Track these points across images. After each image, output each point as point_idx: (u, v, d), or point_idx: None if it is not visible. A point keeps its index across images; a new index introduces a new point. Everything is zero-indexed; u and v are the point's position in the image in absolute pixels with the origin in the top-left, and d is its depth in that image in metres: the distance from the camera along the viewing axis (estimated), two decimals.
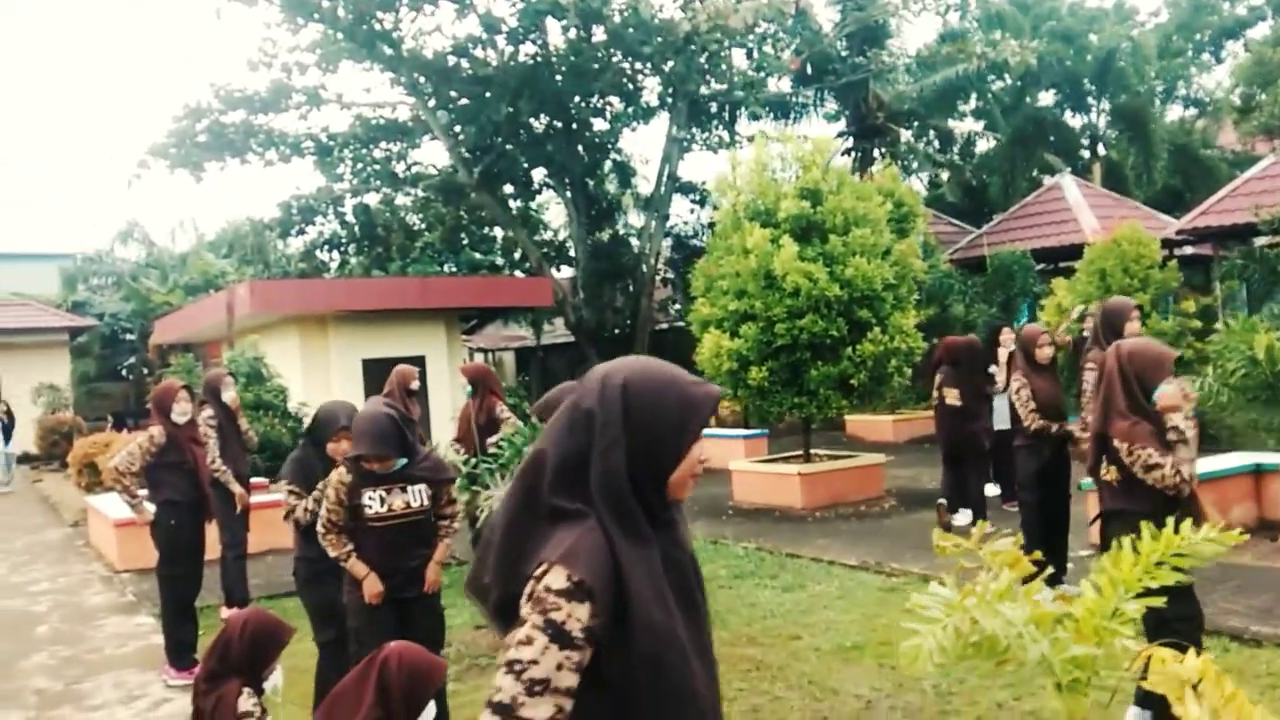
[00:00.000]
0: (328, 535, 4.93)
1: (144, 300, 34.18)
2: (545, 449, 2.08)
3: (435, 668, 3.93)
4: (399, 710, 3.79)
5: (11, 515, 17.61)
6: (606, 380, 2.09)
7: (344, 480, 4.94)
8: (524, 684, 1.87)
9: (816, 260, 11.74)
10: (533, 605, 1.92)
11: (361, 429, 4.91)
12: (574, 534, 1.97)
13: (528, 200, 27.93)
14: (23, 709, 6.59)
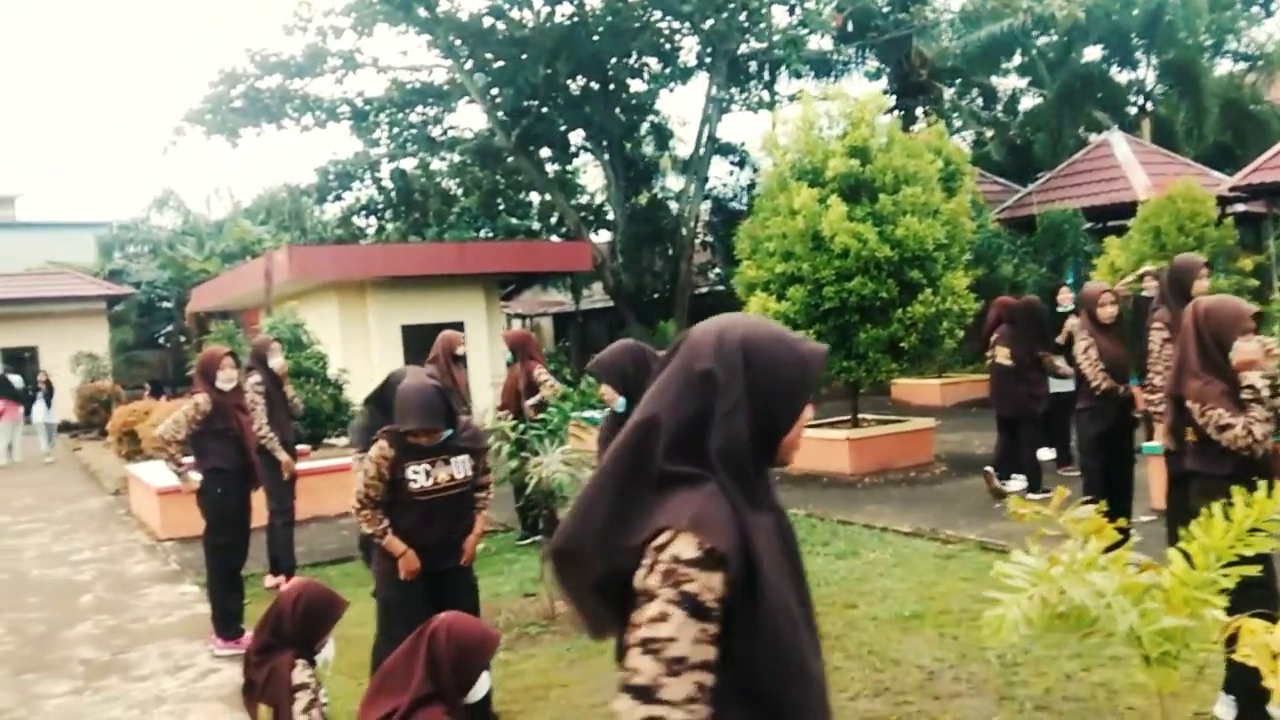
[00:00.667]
0: (363, 510, 4.76)
1: (180, 268, 34.25)
2: (657, 414, 1.92)
3: (487, 639, 3.77)
4: (450, 684, 3.64)
5: (52, 484, 17.70)
6: (723, 338, 1.95)
7: (386, 454, 4.75)
8: (663, 663, 1.74)
9: (866, 220, 11.44)
10: (662, 579, 1.78)
11: (410, 403, 4.73)
12: (695, 499, 1.83)
13: (565, 163, 27.66)
14: (70, 679, 6.51)
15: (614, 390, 4.57)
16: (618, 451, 1.95)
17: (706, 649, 1.77)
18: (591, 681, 5.79)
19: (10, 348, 30.90)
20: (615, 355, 4.63)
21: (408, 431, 4.74)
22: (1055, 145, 24.21)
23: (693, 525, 1.79)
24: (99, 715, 5.78)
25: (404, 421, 4.70)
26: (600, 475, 1.97)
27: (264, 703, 4.04)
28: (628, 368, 4.57)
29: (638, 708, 1.74)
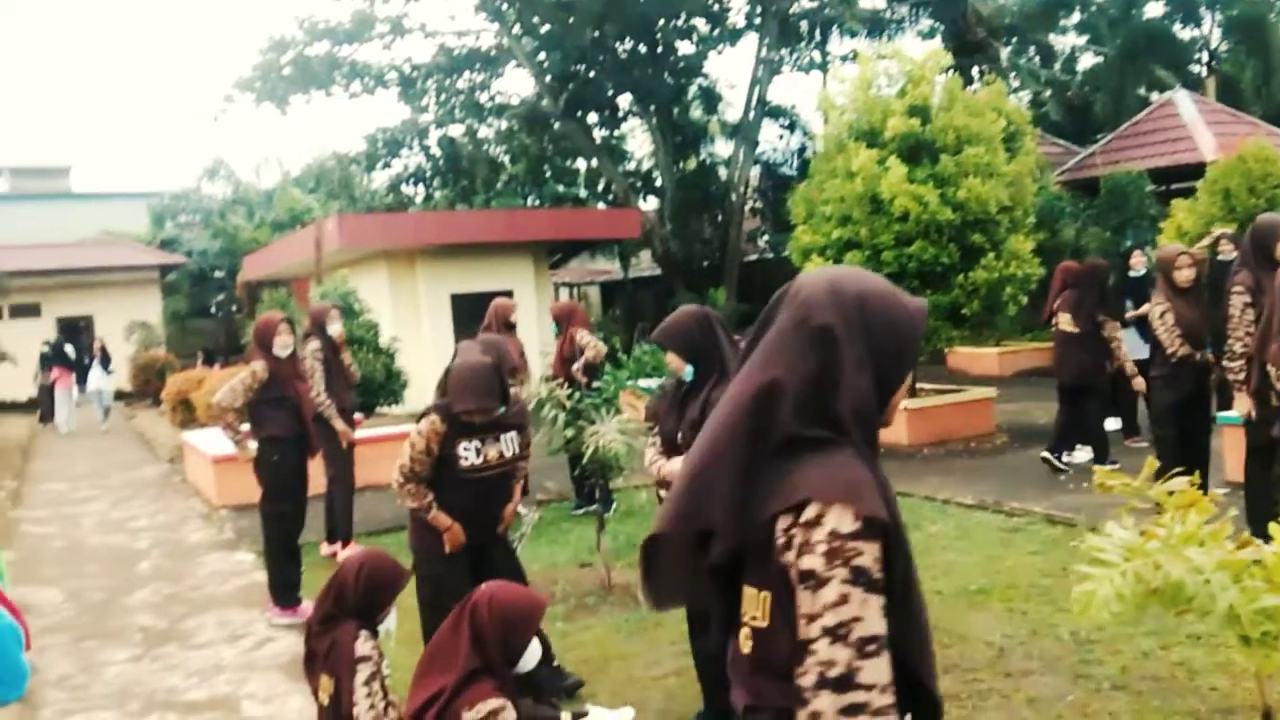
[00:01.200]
0: (407, 485, 4.64)
1: (231, 237, 34.47)
2: (778, 376, 1.79)
3: (531, 607, 3.65)
4: (497, 657, 3.53)
5: (109, 452, 17.89)
6: (838, 291, 1.83)
7: (438, 430, 4.64)
8: (854, 647, 1.64)
9: (926, 182, 11.14)
10: (828, 559, 1.67)
11: (467, 382, 4.60)
12: (837, 466, 1.73)
13: (612, 129, 27.42)
14: (130, 646, 6.52)
15: (680, 358, 4.40)
16: (734, 419, 1.81)
17: (885, 623, 1.68)
18: (651, 653, 5.69)
19: (66, 317, 31.29)
20: (681, 322, 4.46)
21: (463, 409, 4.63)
22: (1117, 105, 23.65)
23: (846, 495, 1.70)
24: (158, 683, 5.76)
25: (461, 401, 4.57)
26: (714, 445, 1.83)
27: (326, 674, 3.96)
28: (695, 334, 4.40)
29: (840, 699, 1.63)
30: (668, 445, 4.48)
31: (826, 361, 1.77)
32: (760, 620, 1.79)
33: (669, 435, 4.45)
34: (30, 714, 5.41)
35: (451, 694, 3.43)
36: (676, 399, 4.47)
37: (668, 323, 4.47)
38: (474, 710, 3.42)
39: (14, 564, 8.96)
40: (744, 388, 1.84)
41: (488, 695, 3.45)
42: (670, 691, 5.14)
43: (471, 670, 3.46)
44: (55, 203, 40.06)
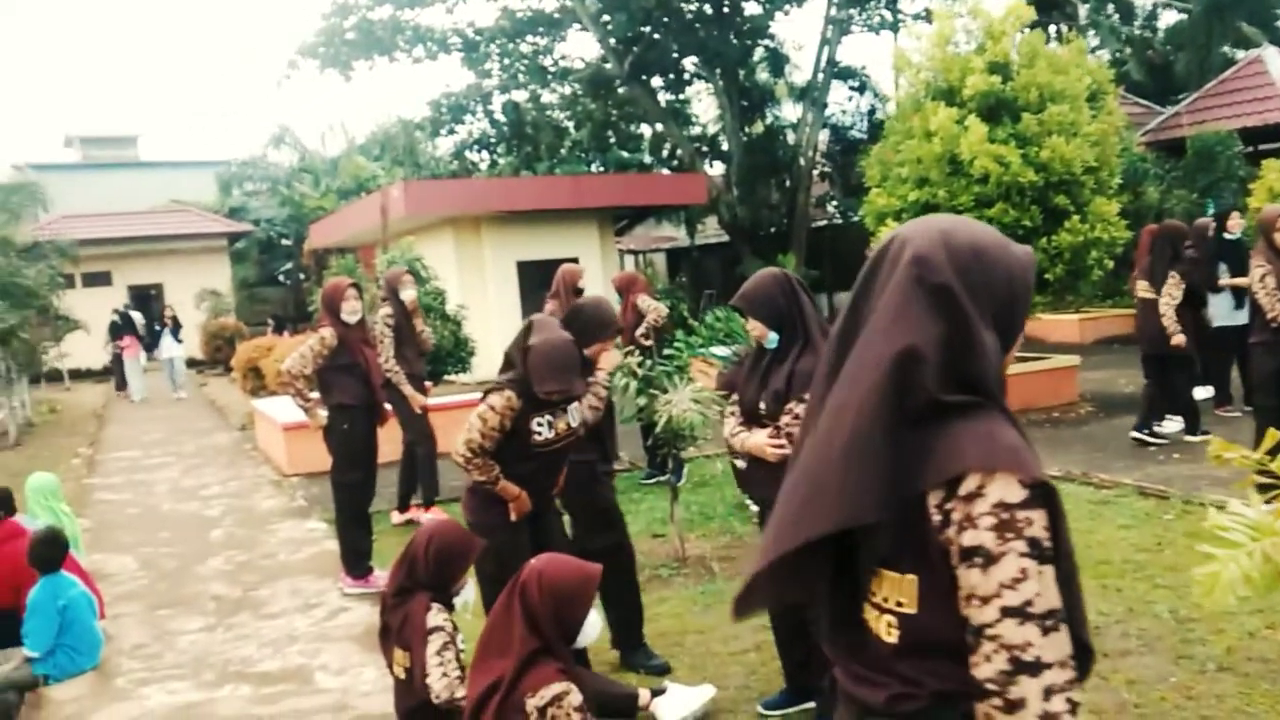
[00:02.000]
0: (475, 459, 4.43)
1: (298, 205, 34.67)
2: (910, 341, 1.61)
3: (584, 579, 3.49)
4: (552, 633, 3.39)
5: (181, 419, 18.07)
6: (951, 244, 1.68)
7: (513, 406, 4.44)
8: (1039, 625, 1.51)
9: (1008, 142, 10.77)
10: (999, 532, 1.52)
11: (556, 363, 4.41)
12: (988, 432, 1.58)
13: (678, 92, 27.00)
14: (203, 615, 6.49)
15: (763, 325, 4.19)
16: (868, 396, 1.62)
17: (1059, 594, 1.55)
18: (728, 626, 5.52)
19: (137, 285, 31.72)
20: (764, 286, 4.24)
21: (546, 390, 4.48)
22: (1200, 63, 22.82)
23: (1008, 463, 1.55)
24: (232, 653, 5.72)
25: (545, 382, 4.38)
26: (848, 429, 1.62)
27: (400, 647, 3.87)
28: (779, 299, 4.19)
29: (1038, 682, 1.50)
30: (748, 415, 4.28)
31: (954, 320, 1.62)
32: (908, 606, 1.63)
33: (750, 405, 4.26)
34: (105, 683, 5.38)
35: (512, 680, 3.29)
36: (758, 367, 4.28)
37: (749, 287, 4.25)
38: (537, 697, 3.28)
39: (89, 531, 9.04)
40: (870, 358, 1.65)
41: (550, 679, 3.30)
42: (750, 667, 4.98)
43: (530, 653, 3.31)
44: (124, 171, 40.58)
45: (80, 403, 22.62)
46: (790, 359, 4.12)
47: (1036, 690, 1.49)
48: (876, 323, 1.67)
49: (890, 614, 1.66)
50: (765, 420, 4.18)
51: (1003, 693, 1.50)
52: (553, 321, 4.73)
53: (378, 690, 4.90)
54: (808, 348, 4.13)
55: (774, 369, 4.17)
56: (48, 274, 17.43)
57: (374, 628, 5.89)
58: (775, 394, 4.11)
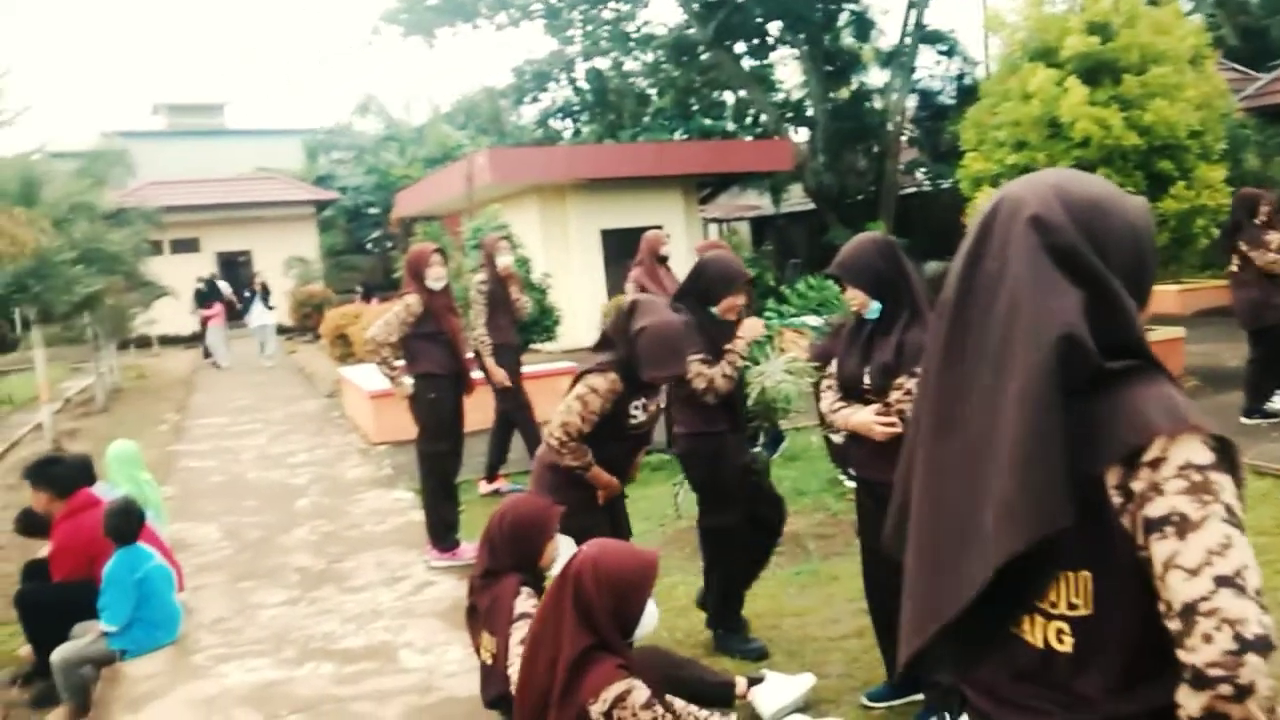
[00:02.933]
0: (569, 444, 4.19)
1: (384, 174, 34.85)
2: (1065, 314, 1.42)
3: (642, 567, 3.21)
4: (608, 626, 3.11)
5: (269, 386, 18.19)
6: (1068, 200, 1.53)
7: (617, 389, 4.21)
8: (1250, 597, 1.31)
9: (1109, 104, 10.23)
10: (1194, 496, 1.35)
11: (668, 347, 4.17)
12: (1158, 394, 1.43)
13: (762, 58, 26.48)
14: (286, 588, 6.36)
15: (864, 294, 3.89)
16: (1032, 377, 1.41)
17: None
18: (827, 609, 5.27)
19: (225, 252, 32.17)
20: (863, 253, 3.92)
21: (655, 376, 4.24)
22: None
23: (1190, 423, 1.39)
24: (314, 629, 5.57)
25: (656, 368, 4.14)
26: (1020, 414, 1.41)
27: (487, 631, 3.65)
28: (880, 266, 3.87)
29: (1263, 661, 1.29)
30: (848, 390, 3.99)
31: (1090, 282, 1.47)
32: (1083, 607, 1.43)
33: (850, 379, 3.96)
34: (183, 659, 5.26)
35: (566, 685, 3.03)
36: (857, 339, 3.98)
37: (847, 253, 3.95)
38: (600, 701, 3.01)
39: (173, 499, 9.03)
40: (1020, 336, 1.44)
41: (610, 678, 3.04)
42: (852, 654, 4.70)
43: (582, 652, 3.05)
44: (211, 139, 41.12)
45: (168, 369, 22.97)
46: (896, 330, 3.83)
47: (1262, 671, 1.28)
48: (1010, 296, 1.47)
49: (1061, 619, 1.46)
50: (868, 395, 3.89)
51: (1232, 676, 1.27)
52: (659, 303, 4.46)
53: (463, 671, 4.71)
54: (915, 318, 3.84)
55: (877, 341, 3.88)
56: (133, 239, 17.60)
57: (460, 603, 5.72)
58: (882, 367, 3.82)
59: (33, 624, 5.45)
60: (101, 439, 12.06)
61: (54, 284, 11.60)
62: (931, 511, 1.53)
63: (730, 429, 4.75)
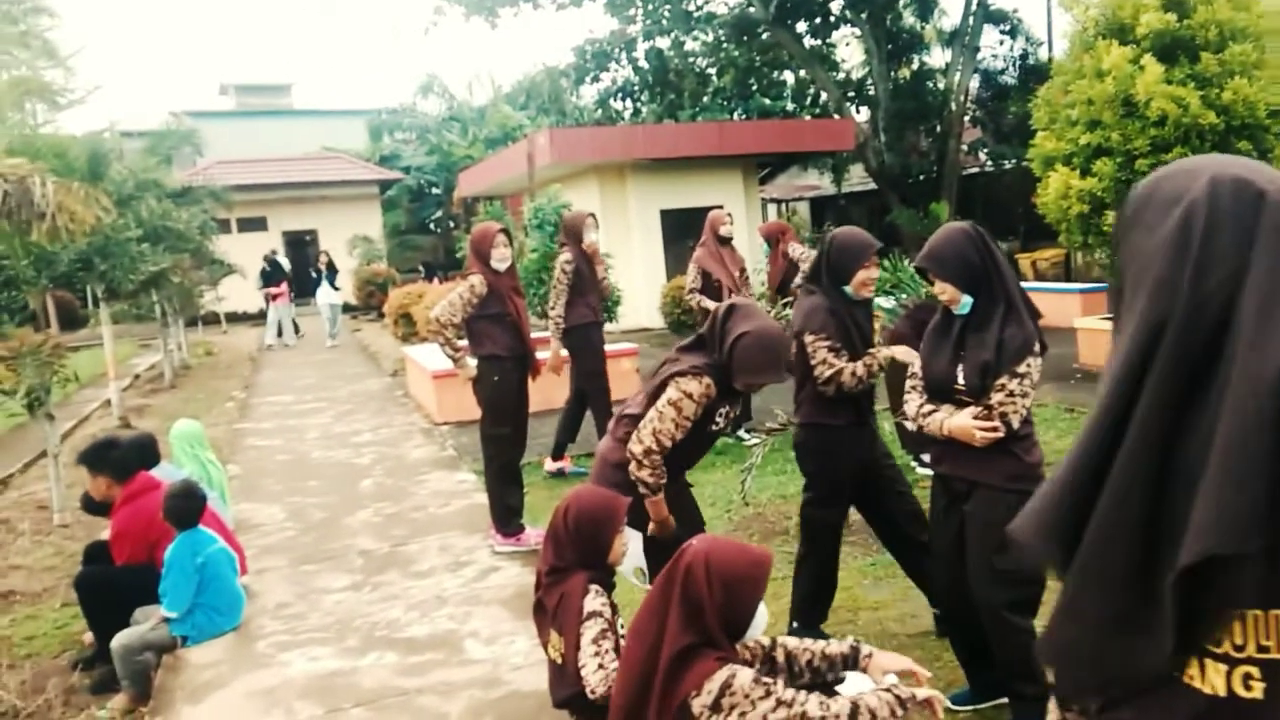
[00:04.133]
0: (654, 456, 3.95)
1: (447, 154, 34.95)
2: None
3: (755, 565, 3.02)
4: (716, 626, 2.94)
5: (335, 364, 18.27)
6: (1216, 187, 1.28)
7: (711, 394, 4.00)
8: None
9: (1186, 83, 9.89)
10: None
11: (770, 356, 3.97)
12: None
13: (824, 37, 26.05)
14: (349, 572, 6.30)
15: (955, 288, 3.66)
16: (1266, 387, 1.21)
17: None
18: (904, 604, 5.09)
19: (291, 230, 32.45)
20: (955, 243, 3.69)
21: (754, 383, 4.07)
22: None
23: None
24: (378, 615, 5.49)
25: (754, 374, 3.96)
26: (1239, 424, 1.21)
27: (555, 629, 3.51)
28: (973, 257, 3.63)
29: None
30: (937, 391, 3.77)
31: (1229, 259, 1.24)
32: (1275, 650, 1.26)
33: (942, 379, 3.74)
34: (245, 646, 5.21)
35: (668, 677, 2.88)
36: (947, 336, 3.75)
37: (937, 245, 3.72)
38: (704, 694, 2.85)
39: (238, 478, 9.04)
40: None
41: (711, 669, 2.88)
42: (932, 652, 4.52)
43: (684, 648, 2.89)
44: (277, 119, 41.54)
45: (235, 346, 23.18)
46: (993, 325, 3.60)
47: None
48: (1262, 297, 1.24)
49: (1249, 663, 1.28)
50: (962, 396, 3.68)
51: None
52: (757, 307, 4.25)
53: (530, 663, 4.61)
54: (1011, 312, 3.61)
55: (971, 338, 3.66)
56: (200, 217, 17.72)
57: (524, 590, 5.64)
58: (981, 367, 3.60)
59: (93, 608, 5.40)
60: (169, 416, 12.16)
61: (120, 261, 11.68)
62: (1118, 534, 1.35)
63: (853, 422, 4.50)
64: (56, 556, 7.31)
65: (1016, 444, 3.63)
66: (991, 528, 3.60)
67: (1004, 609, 3.65)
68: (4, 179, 6.83)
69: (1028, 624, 3.66)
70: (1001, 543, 3.62)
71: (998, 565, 3.61)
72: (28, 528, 8.11)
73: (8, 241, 9.34)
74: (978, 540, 3.70)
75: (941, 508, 3.87)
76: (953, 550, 3.83)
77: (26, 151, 9.01)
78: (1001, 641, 3.70)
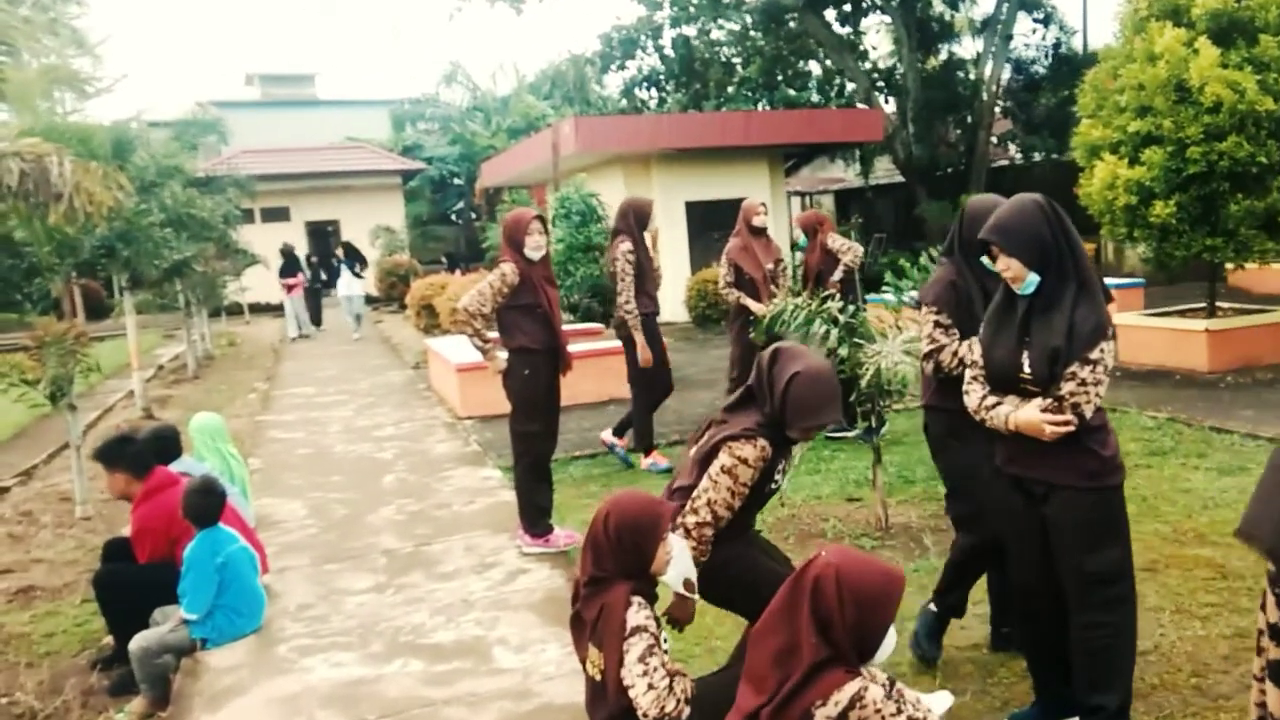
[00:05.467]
0: (704, 530, 3.57)
1: (469, 144, 34.81)
2: None
3: (889, 583, 2.80)
4: (846, 643, 2.74)
5: (356, 356, 18.14)
6: None
7: (767, 456, 3.64)
8: None
9: (1243, 66, 9.60)
10: None
11: (828, 391, 3.65)
12: None
13: (854, 24, 25.68)
14: (372, 573, 6.10)
15: (1022, 264, 3.34)
16: None
17: None
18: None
19: (314, 221, 32.43)
20: (1029, 217, 3.34)
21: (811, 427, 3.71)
22: None
23: None
24: (403, 620, 5.29)
25: (810, 419, 3.63)
26: None
27: (594, 645, 3.29)
28: (1045, 232, 3.30)
29: None
30: (999, 381, 3.48)
31: None
32: None
33: (1005, 367, 3.43)
34: (266, 650, 5.02)
35: (793, 690, 2.68)
36: (1008, 319, 3.45)
37: (1009, 218, 3.39)
38: (830, 704, 2.65)
39: (260, 471, 8.89)
40: None
41: (841, 680, 2.68)
42: (986, 667, 4.28)
43: (815, 664, 2.69)
44: (302, 109, 41.55)
45: (258, 336, 23.10)
46: (1063, 307, 3.29)
47: None
48: None
49: None
50: (1027, 386, 3.38)
51: None
52: (801, 346, 3.94)
53: (562, 674, 4.40)
54: (1084, 293, 3.31)
55: (1038, 321, 3.35)
56: (225, 206, 17.62)
57: (554, 594, 5.45)
58: (1050, 353, 3.29)
59: (111, 608, 5.26)
60: (192, 407, 12.05)
61: (142, 248, 11.54)
62: None
63: (963, 409, 4.20)
64: (78, 550, 7.19)
65: (1090, 437, 3.33)
66: (1079, 529, 3.36)
67: (1099, 612, 3.40)
68: (21, 158, 6.68)
69: (1119, 628, 3.43)
70: (1091, 544, 3.38)
71: (1089, 568, 3.38)
72: (50, 520, 8.02)
73: (27, 225, 9.22)
74: (1066, 544, 3.42)
75: (1018, 510, 3.57)
76: (1036, 555, 3.56)
77: (51, 137, 8.87)
78: (1089, 648, 3.45)
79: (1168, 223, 10.05)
